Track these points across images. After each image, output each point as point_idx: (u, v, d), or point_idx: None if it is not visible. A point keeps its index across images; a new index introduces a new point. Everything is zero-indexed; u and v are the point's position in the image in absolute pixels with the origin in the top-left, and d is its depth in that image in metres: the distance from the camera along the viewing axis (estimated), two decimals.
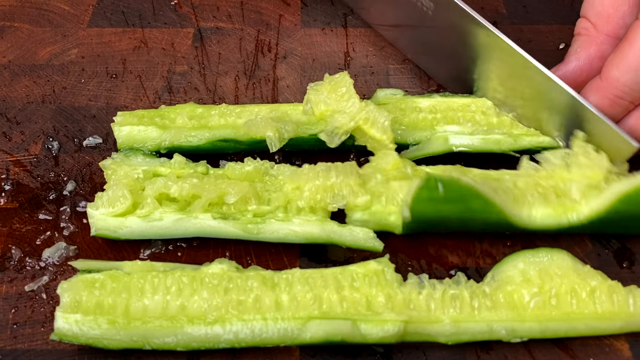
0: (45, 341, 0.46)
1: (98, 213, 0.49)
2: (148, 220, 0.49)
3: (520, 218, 0.49)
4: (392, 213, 0.50)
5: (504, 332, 0.45)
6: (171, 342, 0.44)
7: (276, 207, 0.50)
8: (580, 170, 0.50)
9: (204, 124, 0.56)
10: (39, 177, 0.56)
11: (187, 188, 0.49)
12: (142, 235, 0.50)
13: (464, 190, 0.47)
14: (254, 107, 0.57)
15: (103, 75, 0.64)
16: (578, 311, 0.45)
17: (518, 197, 0.49)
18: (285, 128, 0.53)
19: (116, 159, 0.53)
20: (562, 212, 0.49)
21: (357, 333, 0.44)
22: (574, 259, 0.47)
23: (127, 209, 0.49)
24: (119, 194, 0.49)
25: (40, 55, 0.66)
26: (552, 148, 0.54)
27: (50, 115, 0.60)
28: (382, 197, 0.50)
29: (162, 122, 0.56)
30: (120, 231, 0.49)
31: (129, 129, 0.54)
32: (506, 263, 0.47)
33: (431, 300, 0.45)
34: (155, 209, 0.49)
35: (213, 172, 0.53)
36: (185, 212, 0.49)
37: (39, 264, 0.50)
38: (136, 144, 0.54)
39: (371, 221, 0.50)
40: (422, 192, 0.47)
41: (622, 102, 0.49)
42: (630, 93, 0.48)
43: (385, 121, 0.52)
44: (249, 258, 0.51)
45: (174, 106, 0.57)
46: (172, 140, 0.54)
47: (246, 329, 0.44)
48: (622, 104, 0.49)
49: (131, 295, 0.45)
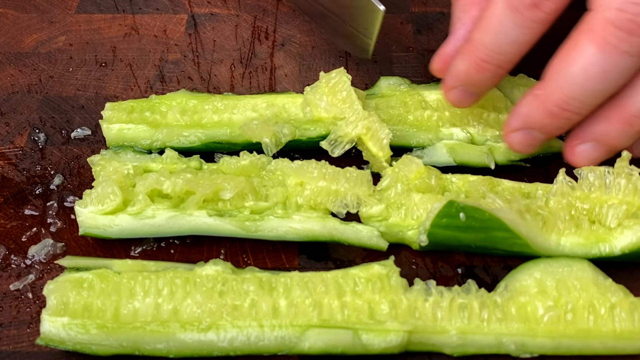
0: (31, 343, 0.45)
1: (86, 211, 0.48)
2: (140, 218, 0.48)
3: (548, 246, 0.48)
4: (410, 227, 0.49)
5: (513, 346, 0.44)
6: (163, 348, 0.43)
7: (275, 203, 0.49)
8: (619, 194, 0.48)
9: (196, 120, 0.55)
10: (25, 170, 0.55)
11: (180, 184, 0.48)
12: (133, 234, 0.49)
13: (488, 221, 0.46)
14: (250, 99, 0.56)
15: (92, 63, 0.63)
16: (595, 328, 0.44)
17: (548, 222, 0.48)
18: (282, 132, 0.53)
19: (105, 155, 0.53)
20: (594, 241, 0.47)
21: (359, 343, 0.43)
22: (596, 270, 0.46)
23: (117, 206, 0.48)
24: (108, 191, 0.48)
25: (26, 43, 0.65)
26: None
27: (37, 105, 0.60)
28: (402, 209, 0.49)
29: (152, 118, 0.55)
30: (110, 230, 0.49)
31: (118, 128, 0.54)
32: (521, 271, 0.46)
33: (438, 309, 0.44)
34: (147, 206, 0.48)
35: (207, 167, 0.52)
36: (179, 209, 0.49)
37: (25, 262, 0.49)
38: (126, 143, 0.54)
39: (387, 234, 0.49)
40: (442, 219, 0.46)
41: (564, 112, 0.46)
42: (574, 104, 0.46)
43: (385, 139, 0.52)
44: (245, 256, 0.50)
45: (165, 95, 0.57)
46: (165, 140, 0.54)
47: (241, 336, 0.43)
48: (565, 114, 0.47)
49: (121, 298, 0.44)
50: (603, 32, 0.42)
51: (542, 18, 0.45)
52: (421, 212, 0.49)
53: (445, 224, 0.46)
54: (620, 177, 0.49)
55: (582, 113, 0.46)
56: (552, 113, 0.46)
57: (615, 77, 0.43)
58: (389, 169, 0.51)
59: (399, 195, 0.50)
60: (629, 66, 0.43)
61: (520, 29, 0.45)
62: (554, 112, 0.46)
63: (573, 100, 0.45)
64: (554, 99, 0.45)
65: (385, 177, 0.51)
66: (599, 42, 0.42)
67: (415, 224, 0.49)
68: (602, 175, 0.49)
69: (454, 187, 0.51)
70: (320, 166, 0.50)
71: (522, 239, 0.46)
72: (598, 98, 0.45)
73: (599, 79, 0.43)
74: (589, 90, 0.44)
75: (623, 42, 0.42)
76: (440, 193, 0.50)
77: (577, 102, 0.45)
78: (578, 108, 0.45)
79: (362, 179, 0.50)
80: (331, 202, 0.49)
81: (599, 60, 0.43)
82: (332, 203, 0.49)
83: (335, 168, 0.50)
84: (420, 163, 0.50)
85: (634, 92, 0.45)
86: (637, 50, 0.42)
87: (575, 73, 0.44)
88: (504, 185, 0.51)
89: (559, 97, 0.45)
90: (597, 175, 0.49)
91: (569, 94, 0.45)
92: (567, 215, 0.48)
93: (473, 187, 0.50)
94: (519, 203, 0.47)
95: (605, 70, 0.43)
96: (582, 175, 0.49)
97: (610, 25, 0.42)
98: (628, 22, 0.41)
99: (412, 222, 0.49)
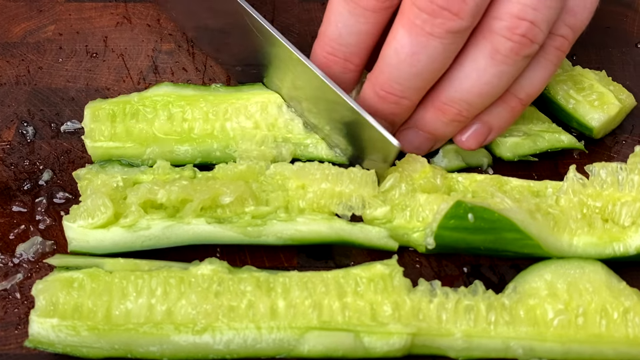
0: (19, 345, 0.45)
1: (75, 226, 0.47)
2: (134, 230, 0.47)
3: (560, 247, 0.47)
4: (416, 229, 0.48)
5: (521, 351, 0.43)
6: (156, 351, 0.43)
7: (276, 207, 0.49)
8: (633, 190, 0.48)
9: (187, 131, 0.53)
10: (12, 165, 0.54)
11: (176, 191, 0.47)
12: (127, 247, 0.47)
13: (497, 221, 0.45)
14: (245, 99, 0.54)
15: (82, 54, 0.63)
16: (607, 334, 0.43)
17: (559, 222, 0.47)
18: (281, 155, 0.52)
19: (91, 169, 0.51)
20: (607, 241, 0.47)
21: (360, 346, 0.43)
22: (609, 272, 0.45)
23: (108, 219, 0.47)
24: (98, 203, 0.47)
25: (13, 32, 0.64)
26: (572, 148, 0.53)
27: (25, 97, 0.59)
28: (406, 210, 0.49)
29: (138, 129, 0.52)
30: (103, 245, 0.47)
31: (104, 147, 0.52)
32: (531, 272, 0.46)
33: (443, 311, 0.44)
34: (141, 216, 0.47)
35: (202, 175, 0.51)
36: (176, 219, 0.48)
37: (13, 261, 0.49)
38: (113, 158, 0.53)
39: (392, 236, 0.48)
40: (449, 220, 0.46)
41: (460, 118, 0.48)
42: (467, 108, 0.47)
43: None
44: (242, 254, 0.49)
45: (147, 93, 0.54)
46: (156, 158, 0.52)
47: (238, 339, 0.43)
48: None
49: (113, 298, 0.44)
50: (409, 14, 0.43)
51: (375, 6, 0.45)
52: (427, 214, 0.48)
53: (453, 226, 0.46)
54: (634, 174, 0.49)
55: (409, 97, 0.47)
56: (380, 96, 0.47)
57: (425, 60, 0.44)
58: (392, 169, 0.50)
59: (403, 196, 0.49)
60: (438, 49, 0.44)
61: (357, 17, 0.46)
62: (381, 95, 0.47)
63: (394, 83, 0.46)
64: (379, 82, 0.47)
65: (388, 177, 0.50)
66: (406, 24, 0.44)
67: (421, 226, 0.48)
68: (614, 171, 0.49)
69: (461, 186, 0.51)
70: (323, 167, 0.50)
71: (533, 240, 0.46)
72: (418, 81, 0.46)
73: (410, 60, 0.44)
74: (404, 72, 0.45)
75: (427, 23, 0.43)
76: (447, 193, 0.50)
77: (397, 84, 0.46)
78: (401, 92, 0.46)
79: (366, 179, 0.49)
80: (335, 204, 0.49)
81: (407, 42, 0.44)
82: (336, 205, 0.49)
83: (339, 168, 0.50)
84: (425, 162, 0.50)
85: (446, 78, 0.46)
86: (441, 31, 0.43)
87: (390, 55, 0.45)
88: (512, 184, 0.51)
89: (382, 80, 0.46)
90: (610, 172, 0.49)
91: (389, 77, 0.46)
92: (579, 214, 0.48)
93: (480, 187, 0.49)
94: (529, 202, 0.47)
95: (413, 52, 0.44)
96: (593, 172, 0.49)
97: (414, 6, 0.43)
98: (428, 2, 0.42)
99: (417, 224, 0.48)
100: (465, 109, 0.47)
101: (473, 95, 0.46)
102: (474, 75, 0.45)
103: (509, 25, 0.43)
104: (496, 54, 0.44)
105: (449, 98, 0.47)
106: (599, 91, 0.54)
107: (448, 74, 0.46)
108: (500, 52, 0.44)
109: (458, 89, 0.46)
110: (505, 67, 0.45)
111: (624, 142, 0.56)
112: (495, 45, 0.44)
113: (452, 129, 0.49)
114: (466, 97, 0.46)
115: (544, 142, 0.53)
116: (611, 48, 0.63)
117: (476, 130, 0.50)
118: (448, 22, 0.43)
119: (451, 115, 0.48)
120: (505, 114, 0.49)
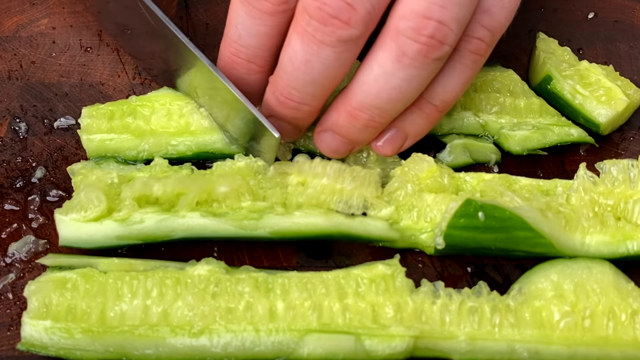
0: (11, 347, 0.45)
1: (68, 219, 0.47)
2: (127, 224, 0.47)
3: (572, 245, 0.47)
4: (423, 230, 0.48)
5: (527, 354, 0.43)
6: (152, 354, 0.42)
7: (274, 202, 0.48)
8: None
9: (184, 126, 0.53)
10: (5, 162, 0.54)
11: (171, 184, 0.47)
12: (119, 241, 0.47)
13: (508, 220, 0.45)
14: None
15: (76, 48, 0.62)
16: (615, 336, 0.43)
17: (570, 221, 0.47)
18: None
19: (86, 165, 0.51)
20: (620, 239, 0.47)
21: (361, 350, 0.42)
22: (617, 273, 0.45)
23: (101, 212, 0.46)
24: (92, 196, 0.47)
25: (5, 26, 0.64)
26: (581, 143, 0.53)
27: (17, 93, 0.59)
28: (413, 211, 0.48)
29: (135, 124, 0.52)
30: (94, 238, 0.47)
31: (99, 139, 0.52)
32: (537, 273, 0.45)
33: (446, 313, 0.43)
34: (135, 210, 0.47)
35: (199, 172, 0.51)
36: (170, 212, 0.47)
37: (5, 260, 0.49)
38: (109, 154, 0.52)
39: (399, 238, 0.48)
40: (459, 219, 0.45)
41: (373, 124, 0.47)
42: (379, 114, 0.46)
43: None
44: (240, 253, 0.49)
45: (146, 96, 0.55)
46: (152, 151, 0.52)
47: (236, 341, 0.43)
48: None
49: (107, 299, 0.43)
50: (301, 21, 0.43)
51: (271, 9, 0.44)
52: (435, 214, 0.48)
53: (463, 225, 0.45)
54: None
55: (308, 103, 0.46)
56: (280, 101, 0.47)
57: (319, 67, 0.43)
58: (397, 169, 0.50)
59: (409, 197, 0.49)
60: (331, 56, 0.43)
61: (254, 19, 0.45)
62: (281, 100, 0.47)
63: (291, 89, 0.45)
64: (278, 88, 0.46)
65: (394, 178, 0.49)
66: (299, 31, 0.43)
67: (429, 227, 0.48)
68: (625, 168, 0.49)
69: (468, 186, 0.50)
70: (325, 162, 0.49)
71: (545, 239, 0.45)
72: (315, 88, 0.45)
73: (304, 68, 0.44)
74: (300, 79, 0.44)
75: (318, 31, 0.42)
76: (454, 193, 0.49)
77: (295, 91, 0.45)
78: (300, 98, 0.46)
79: (369, 178, 0.49)
80: (335, 202, 0.48)
81: (300, 50, 0.43)
82: (335, 203, 0.48)
83: (341, 165, 0.49)
84: (432, 161, 0.49)
85: (356, 82, 0.45)
86: (332, 40, 0.42)
87: (285, 62, 0.45)
88: (521, 183, 0.50)
89: (282, 86, 0.46)
90: (621, 169, 0.49)
91: (287, 83, 0.45)
92: (591, 212, 0.48)
93: (489, 186, 0.49)
94: (539, 201, 0.47)
95: (307, 60, 0.43)
96: (604, 169, 0.49)
97: (305, 14, 0.42)
98: (318, 10, 0.41)
99: (425, 224, 0.48)
100: (378, 115, 0.46)
101: (383, 101, 0.44)
102: (381, 80, 0.43)
103: (415, 26, 0.41)
104: (403, 57, 0.42)
105: (360, 103, 0.45)
106: (606, 86, 0.53)
107: (358, 77, 0.45)
108: (408, 55, 0.42)
109: (368, 93, 0.45)
110: (414, 71, 0.43)
111: (631, 139, 0.55)
112: (401, 47, 0.42)
113: (367, 135, 0.48)
114: (376, 102, 0.45)
115: (553, 136, 0.53)
116: (619, 42, 0.62)
117: (392, 136, 0.49)
118: (338, 30, 0.41)
119: (364, 122, 0.46)
120: (421, 120, 0.48)
